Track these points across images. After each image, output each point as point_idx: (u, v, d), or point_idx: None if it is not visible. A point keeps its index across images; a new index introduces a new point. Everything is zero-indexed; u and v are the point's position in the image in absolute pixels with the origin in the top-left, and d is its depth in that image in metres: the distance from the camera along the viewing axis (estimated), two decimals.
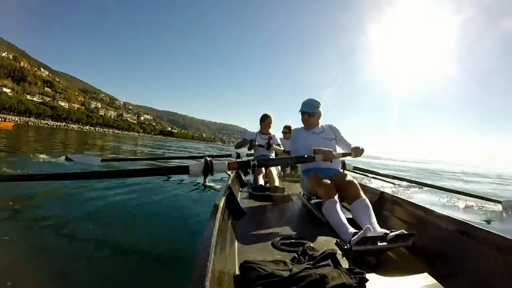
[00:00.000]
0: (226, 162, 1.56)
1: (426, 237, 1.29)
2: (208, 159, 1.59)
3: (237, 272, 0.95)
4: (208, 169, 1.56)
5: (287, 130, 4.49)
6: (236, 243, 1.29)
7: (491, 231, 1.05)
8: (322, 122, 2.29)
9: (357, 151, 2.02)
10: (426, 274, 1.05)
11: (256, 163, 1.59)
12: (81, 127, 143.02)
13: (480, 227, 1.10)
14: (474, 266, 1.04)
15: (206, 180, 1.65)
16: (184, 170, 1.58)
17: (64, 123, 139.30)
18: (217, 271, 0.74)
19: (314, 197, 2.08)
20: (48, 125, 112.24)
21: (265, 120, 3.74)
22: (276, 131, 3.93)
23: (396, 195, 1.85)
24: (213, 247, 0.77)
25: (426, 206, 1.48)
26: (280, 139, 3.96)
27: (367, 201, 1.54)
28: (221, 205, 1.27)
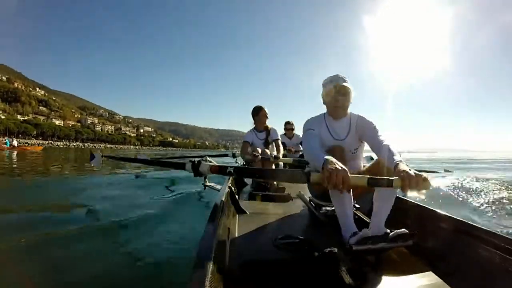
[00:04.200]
0: (209, 165, 1.50)
1: (426, 237, 1.28)
2: (196, 159, 1.57)
3: (238, 272, 0.95)
4: (195, 169, 1.53)
5: (289, 126, 4.14)
6: (236, 242, 1.29)
7: (492, 231, 1.05)
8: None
9: (410, 181, 0.93)
10: (426, 273, 1.05)
11: (232, 170, 1.39)
12: (68, 143, 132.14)
13: (481, 227, 1.10)
14: (475, 266, 1.04)
15: (206, 180, 1.72)
16: (181, 166, 1.62)
17: (48, 141, 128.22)
18: (217, 271, 0.73)
19: (318, 200, 1.77)
20: (28, 143, 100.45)
21: (259, 113, 3.11)
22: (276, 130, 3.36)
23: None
24: (213, 247, 0.77)
25: (426, 206, 1.46)
26: (281, 135, 3.52)
27: (396, 191, 1.25)
28: (221, 205, 1.27)
